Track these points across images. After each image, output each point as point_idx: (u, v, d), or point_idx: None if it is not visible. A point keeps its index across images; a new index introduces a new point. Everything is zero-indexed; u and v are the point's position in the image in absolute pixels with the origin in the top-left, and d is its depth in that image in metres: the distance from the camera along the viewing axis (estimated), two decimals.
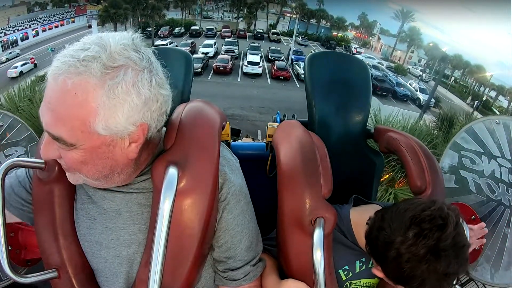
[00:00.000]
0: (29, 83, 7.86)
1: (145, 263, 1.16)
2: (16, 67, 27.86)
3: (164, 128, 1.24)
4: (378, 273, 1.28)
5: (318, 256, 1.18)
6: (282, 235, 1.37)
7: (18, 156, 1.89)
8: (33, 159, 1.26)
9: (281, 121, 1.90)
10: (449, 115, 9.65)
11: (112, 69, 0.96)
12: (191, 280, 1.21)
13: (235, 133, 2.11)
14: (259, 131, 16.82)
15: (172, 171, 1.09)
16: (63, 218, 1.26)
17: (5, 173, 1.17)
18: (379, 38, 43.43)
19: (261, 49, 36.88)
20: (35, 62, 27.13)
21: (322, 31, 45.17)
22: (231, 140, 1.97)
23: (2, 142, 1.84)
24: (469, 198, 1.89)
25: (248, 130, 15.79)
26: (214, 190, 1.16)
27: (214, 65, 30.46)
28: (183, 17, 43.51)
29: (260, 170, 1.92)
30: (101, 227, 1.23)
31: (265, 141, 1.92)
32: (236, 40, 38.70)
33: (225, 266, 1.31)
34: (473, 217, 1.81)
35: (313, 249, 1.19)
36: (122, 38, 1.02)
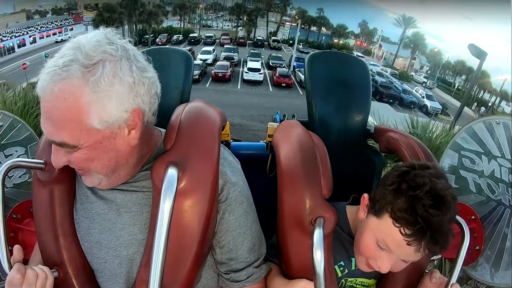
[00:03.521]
0: None
1: (145, 263, 1.16)
2: None
3: (164, 130, 1.25)
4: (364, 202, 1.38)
5: (318, 256, 1.18)
6: (282, 235, 1.37)
7: (18, 156, 1.90)
8: (33, 160, 1.27)
9: (281, 121, 1.90)
10: None
11: (91, 66, 1.01)
12: (191, 280, 1.21)
13: None
14: (260, 142, 16.04)
15: (172, 172, 1.09)
16: (63, 219, 1.27)
17: (5, 174, 1.19)
18: (380, 46, 43.42)
19: (262, 56, 36.63)
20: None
21: (323, 38, 45.19)
22: (231, 140, 1.97)
23: (2, 142, 1.85)
24: (469, 198, 1.89)
25: (249, 140, 15.48)
26: (214, 191, 1.17)
27: (212, 71, 29.90)
28: (182, 26, 43.39)
29: (260, 170, 1.92)
30: (100, 227, 1.24)
31: (265, 141, 1.92)
32: (235, 47, 38.20)
33: (227, 268, 1.31)
34: (473, 217, 1.81)
35: (313, 249, 1.19)
36: (95, 35, 1.07)
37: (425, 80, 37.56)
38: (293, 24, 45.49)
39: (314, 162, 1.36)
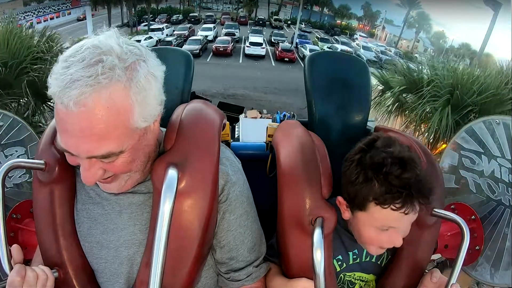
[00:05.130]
0: None
1: (145, 264, 1.17)
2: None
3: (164, 129, 1.25)
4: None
5: (318, 256, 1.19)
6: (282, 235, 1.38)
7: (18, 156, 1.89)
8: (33, 160, 1.26)
9: (281, 121, 1.90)
10: None
11: (129, 68, 1.00)
12: (191, 280, 1.21)
13: (238, 110, 2.08)
14: (264, 110, 16.03)
15: (172, 172, 1.09)
16: (64, 219, 1.26)
17: (6, 174, 1.18)
18: (384, 28, 42.91)
19: (264, 33, 36.12)
20: None
21: (326, 19, 44.65)
22: (231, 140, 1.97)
23: (2, 142, 1.84)
24: (469, 198, 1.88)
25: (250, 107, 15.20)
26: (214, 191, 1.17)
27: (213, 46, 29.02)
28: (181, 8, 42.77)
29: (260, 170, 1.92)
30: (102, 227, 1.24)
31: (265, 141, 1.92)
32: (236, 24, 37.40)
33: (227, 268, 1.32)
34: (473, 217, 1.80)
35: (313, 249, 1.20)
36: (115, 37, 1.04)
37: None
38: (295, 4, 44.97)
39: (314, 162, 1.37)
